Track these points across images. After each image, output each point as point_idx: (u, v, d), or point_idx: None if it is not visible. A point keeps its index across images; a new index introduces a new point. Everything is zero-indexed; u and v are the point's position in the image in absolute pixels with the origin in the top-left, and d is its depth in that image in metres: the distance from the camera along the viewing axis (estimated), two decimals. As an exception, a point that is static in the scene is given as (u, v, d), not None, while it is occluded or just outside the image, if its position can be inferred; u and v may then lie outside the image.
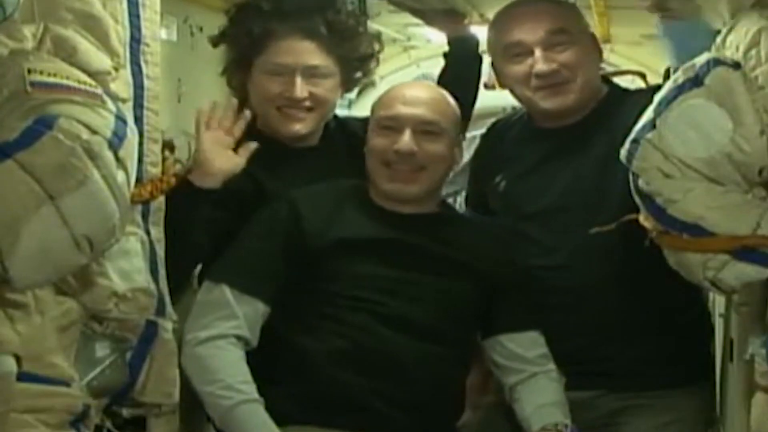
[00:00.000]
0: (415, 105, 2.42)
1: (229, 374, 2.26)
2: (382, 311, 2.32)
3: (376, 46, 2.70)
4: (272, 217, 2.40)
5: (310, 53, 2.51)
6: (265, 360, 2.33)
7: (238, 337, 2.31)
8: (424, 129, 2.40)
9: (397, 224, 2.41)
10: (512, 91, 2.62)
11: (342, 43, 2.56)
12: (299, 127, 2.53)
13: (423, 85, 2.73)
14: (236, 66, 2.60)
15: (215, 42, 2.62)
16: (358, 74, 2.66)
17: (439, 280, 2.38)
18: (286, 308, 2.35)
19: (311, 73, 2.51)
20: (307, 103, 2.51)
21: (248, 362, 2.31)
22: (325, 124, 2.64)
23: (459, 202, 3.34)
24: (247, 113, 2.42)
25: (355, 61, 2.62)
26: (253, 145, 2.40)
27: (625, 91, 2.71)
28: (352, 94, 4.03)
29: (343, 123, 2.73)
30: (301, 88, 2.49)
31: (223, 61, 2.64)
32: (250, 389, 2.26)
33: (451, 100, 2.51)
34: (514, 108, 3.02)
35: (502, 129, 2.79)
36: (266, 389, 2.28)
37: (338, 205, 2.43)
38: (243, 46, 2.56)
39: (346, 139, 2.65)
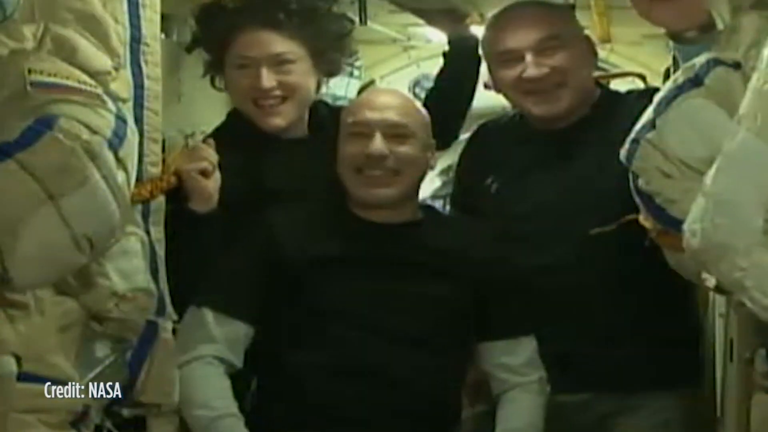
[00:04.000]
0: (383, 109, 2.41)
1: (205, 392, 2.28)
2: (367, 323, 2.32)
3: (348, 26, 2.68)
4: (250, 239, 2.41)
5: (272, 42, 2.50)
6: (257, 377, 2.38)
7: (220, 359, 2.32)
8: (393, 132, 2.39)
9: (376, 235, 2.41)
10: (506, 96, 2.63)
11: (305, 27, 2.54)
12: (278, 121, 2.52)
13: (390, 91, 2.73)
14: (212, 67, 2.61)
15: (189, 48, 2.63)
16: (332, 55, 2.63)
17: (420, 288, 2.37)
18: (274, 326, 2.36)
19: (277, 61, 2.50)
20: (278, 92, 2.50)
21: (240, 379, 2.33)
22: (313, 111, 2.63)
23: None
24: (211, 141, 2.41)
25: (324, 42, 2.59)
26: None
27: (618, 94, 2.71)
28: (352, 94, 4.05)
29: (334, 109, 2.71)
30: (267, 78, 2.48)
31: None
32: (227, 404, 2.28)
33: (419, 106, 2.51)
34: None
35: (490, 131, 2.79)
36: (260, 402, 2.32)
37: (315, 221, 2.44)
38: (213, 47, 2.57)
39: (336, 124, 2.61)
